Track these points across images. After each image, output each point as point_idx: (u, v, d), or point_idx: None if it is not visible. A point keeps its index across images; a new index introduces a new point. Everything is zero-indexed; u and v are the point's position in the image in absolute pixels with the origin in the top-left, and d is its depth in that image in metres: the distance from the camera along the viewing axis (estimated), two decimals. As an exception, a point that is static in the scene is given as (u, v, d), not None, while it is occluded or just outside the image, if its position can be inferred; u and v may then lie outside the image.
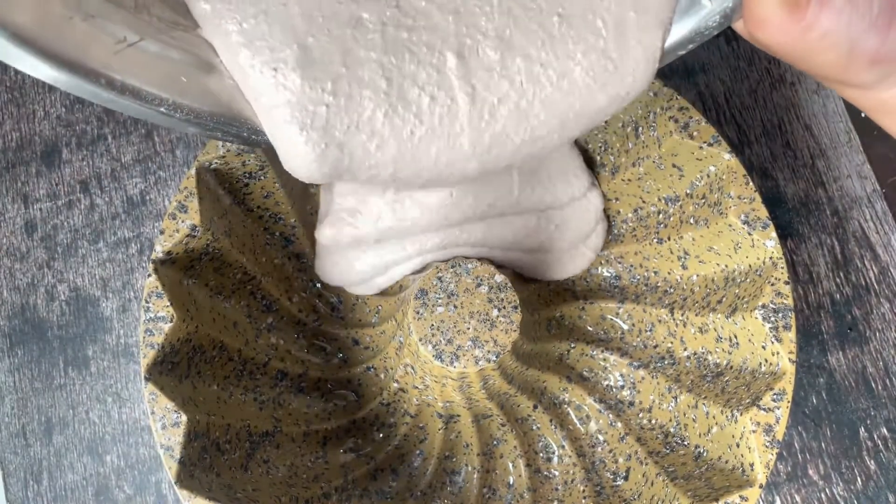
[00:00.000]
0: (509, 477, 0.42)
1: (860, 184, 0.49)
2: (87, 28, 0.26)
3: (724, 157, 0.38)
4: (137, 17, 0.28)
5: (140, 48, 0.28)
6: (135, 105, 0.28)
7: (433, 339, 0.33)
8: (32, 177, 0.50)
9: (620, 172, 0.42)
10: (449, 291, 0.34)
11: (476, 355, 0.33)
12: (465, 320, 0.34)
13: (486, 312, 0.34)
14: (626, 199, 0.43)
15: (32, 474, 0.45)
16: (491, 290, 0.34)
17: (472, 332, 0.33)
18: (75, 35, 0.26)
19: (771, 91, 0.51)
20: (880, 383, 0.46)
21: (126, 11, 0.28)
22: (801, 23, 0.23)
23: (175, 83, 0.29)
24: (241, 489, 0.35)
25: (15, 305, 0.48)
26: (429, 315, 0.34)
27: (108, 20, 0.27)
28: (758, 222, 0.37)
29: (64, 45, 0.26)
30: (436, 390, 0.38)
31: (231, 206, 0.41)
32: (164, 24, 0.29)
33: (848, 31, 0.23)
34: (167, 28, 0.29)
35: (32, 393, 0.47)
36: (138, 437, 0.46)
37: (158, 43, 0.28)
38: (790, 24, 0.23)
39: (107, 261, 0.49)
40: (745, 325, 0.37)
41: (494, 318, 0.34)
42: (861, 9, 0.23)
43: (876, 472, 0.44)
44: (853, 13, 0.23)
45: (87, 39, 0.26)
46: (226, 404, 0.39)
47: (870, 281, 0.47)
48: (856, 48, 0.23)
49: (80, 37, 0.26)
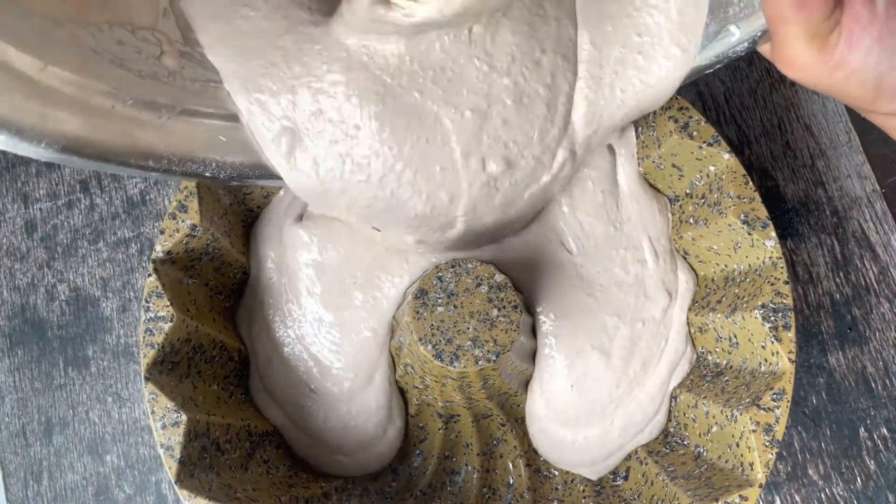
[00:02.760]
0: (509, 477, 0.42)
1: (860, 184, 0.49)
2: (128, 112, 0.27)
3: (723, 156, 0.38)
4: (172, 86, 0.28)
5: (179, 118, 0.28)
6: (181, 176, 0.29)
7: (433, 339, 0.33)
8: (32, 177, 0.50)
9: (620, 172, 0.42)
10: (449, 291, 0.34)
11: (476, 355, 0.33)
12: (465, 320, 0.34)
13: (486, 312, 0.34)
14: (625, 199, 0.43)
15: (32, 474, 0.46)
16: (491, 289, 0.34)
17: (472, 332, 0.33)
18: (119, 123, 0.26)
19: (771, 91, 0.51)
20: (880, 383, 0.46)
21: (161, 82, 0.28)
22: (829, 63, 0.23)
23: (216, 144, 0.30)
24: (241, 489, 0.35)
25: (15, 305, 0.48)
26: (429, 315, 0.34)
27: (146, 97, 0.27)
28: (757, 222, 0.37)
29: (110, 136, 0.26)
30: (436, 390, 0.38)
31: (231, 206, 0.41)
32: (198, 85, 0.29)
33: (876, 68, 0.23)
34: (201, 89, 0.29)
35: (32, 393, 0.47)
36: (138, 436, 0.46)
37: (195, 106, 0.29)
38: (818, 63, 0.23)
39: (107, 261, 0.49)
40: (745, 325, 0.37)
41: (494, 318, 0.34)
42: (889, 47, 0.23)
43: (876, 472, 0.44)
44: (881, 52, 0.23)
45: (130, 124, 0.27)
46: (226, 404, 0.39)
47: (869, 281, 0.47)
48: (883, 83, 0.23)
49: (123, 123, 0.26)
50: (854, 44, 0.23)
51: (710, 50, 0.30)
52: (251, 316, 0.41)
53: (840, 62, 0.23)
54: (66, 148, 0.24)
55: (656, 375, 0.40)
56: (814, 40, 0.23)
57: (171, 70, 0.28)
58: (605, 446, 0.40)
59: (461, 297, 0.34)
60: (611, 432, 0.40)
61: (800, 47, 0.23)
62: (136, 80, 0.27)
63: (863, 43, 0.23)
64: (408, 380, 0.39)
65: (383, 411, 0.40)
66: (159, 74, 0.28)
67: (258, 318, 0.41)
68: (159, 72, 0.28)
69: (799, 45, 0.23)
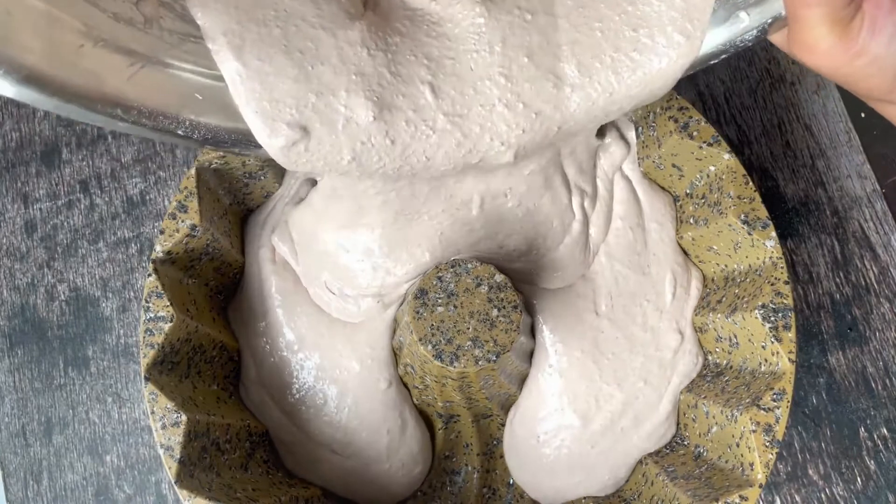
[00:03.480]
0: (509, 477, 0.42)
1: (860, 184, 0.49)
2: (98, 53, 0.25)
3: (723, 156, 0.38)
4: (148, 34, 0.27)
5: (154, 68, 0.27)
6: (150, 132, 0.27)
7: (433, 339, 0.33)
8: (32, 177, 0.50)
9: (620, 172, 0.42)
10: (449, 291, 0.34)
11: (476, 355, 0.33)
12: (464, 320, 0.34)
13: (485, 312, 0.34)
14: (625, 199, 0.43)
15: (32, 474, 0.45)
16: (491, 289, 0.34)
17: (471, 332, 0.33)
18: (87, 63, 0.25)
19: (771, 91, 0.51)
20: (880, 383, 0.46)
21: (136, 29, 0.27)
22: (851, 49, 0.23)
23: (191, 101, 0.28)
24: (241, 489, 0.35)
25: (15, 305, 0.48)
26: (429, 315, 0.34)
27: (118, 41, 0.26)
28: (757, 222, 0.37)
29: (77, 76, 0.25)
30: (436, 390, 0.38)
31: (231, 206, 0.41)
32: (176, 38, 0.28)
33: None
34: (178, 42, 0.28)
35: (32, 393, 0.47)
36: (138, 437, 0.46)
37: (171, 59, 0.28)
38: (840, 50, 0.23)
39: (107, 261, 0.49)
40: (745, 325, 0.37)
41: (494, 318, 0.34)
42: None
43: (876, 472, 0.44)
44: None
45: (99, 67, 0.25)
46: (226, 404, 0.39)
47: (870, 281, 0.47)
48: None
49: (92, 64, 0.25)
50: (877, 31, 0.22)
51: (718, 36, 0.29)
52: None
53: (862, 49, 0.23)
54: (27, 78, 0.23)
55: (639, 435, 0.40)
56: (836, 25, 0.22)
57: (147, 17, 0.27)
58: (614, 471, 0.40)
59: (461, 297, 0.34)
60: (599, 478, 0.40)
61: (821, 33, 0.23)
62: (109, 21, 0.26)
63: (886, 30, 0.22)
64: (408, 380, 0.39)
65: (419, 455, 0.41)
66: (135, 20, 0.27)
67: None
68: (135, 17, 0.27)
69: (820, 31, 0.23)
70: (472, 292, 0.34)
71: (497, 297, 0.34)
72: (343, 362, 0.39)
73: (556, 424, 0.39)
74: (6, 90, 0.23)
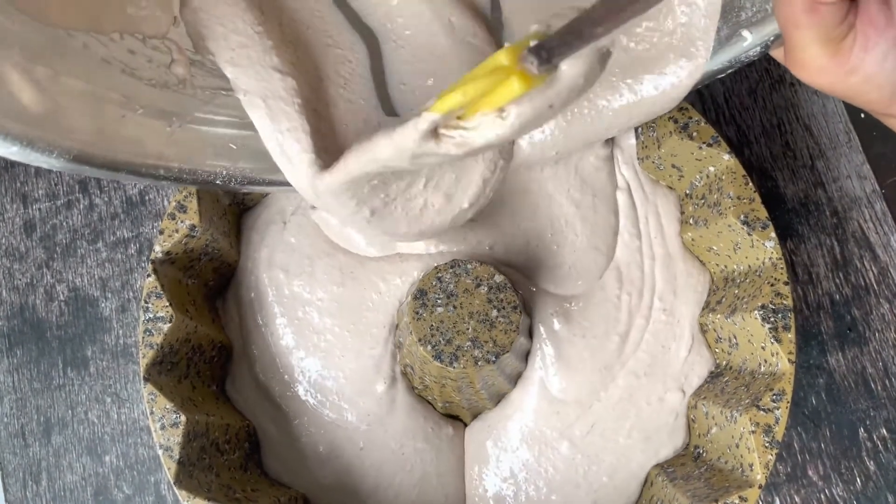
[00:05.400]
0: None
1: (860, 184, 0.49)
2: (139, 120, 0.26)
3: (723, 157, 0.38)
4: (182, 94, 0.28)
5: (190, 126, 0.28)
6: (192, 185, 0.29)
7: (432, 340, 0.33)
8: (31, 177, 0.50)
9: (620, 173, 0.42)
10: (448, 292, 0.34)
11: (476, 356, 0.33)
12: (464, 320, 0.33)
13: (485, 313, 0.34)
14: (625, 199, 0.43)
15: (31, 474, 0.45)
16: (490, 290, 0.34)
17: (471, 333, 0.33)
18: (129, 131, 0.26)
19: (771, 91, 0.51)
20: (880, 384, 0.46)
21: (171, 91, 0.28)
22: (844, 67, 0.23)
23: (226, 152, 0.29)
24: (241, 489, 0.35)
25: (14, 305, 0.48)
26: (428, 315, 0.34)
27: (156, 105, 0.27)
28: (757, 223, 0.37)
29: (121, 146, 0.26)
30: (435, 390, 0.38)
31: (230, 207, 0.41)
32: (209, 93, 0.29)
33: (894, 73, 0.22)
34: (210, 97, 0.29)
35: (31, 393, 0.47)
36: (137, 437, 0.46)
37: (205, 114, 0.29)
38: (833, 67, 0.23)
39: (106, 261, 0.49)
40: (745, 326, 0.37)
41: (494, 319, 0.34)
42: None
43: (875, 473, 0.44)
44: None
45: (140, 132, 0.26)
46: (225, 405, 0.39)
47: (869, 281, 0.47)
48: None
49: (134, 131, 0.26)
50: (870, 48, 0.22)
51: (723, 55, 0.30)
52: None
53: (855, 66, 0.23)
54: (77, 158, 0.24)
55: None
56: (828, 45, 0.22)
57: (180, 78, 0.28)
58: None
59: (461, 298, 0.34)
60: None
61: (813, 52, 0.23)
62: (146, 88, 0.27)
63: (878, 48, 0.22)
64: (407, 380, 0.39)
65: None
66: (169, 83, 0.28)
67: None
68: (169, 80, 0.28)
69: (812, 50, 0.23)
70: (472, 293, 0.34)
71: (497, 297, 0.34)
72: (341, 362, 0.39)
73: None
74: (57, 166, 0.24)
